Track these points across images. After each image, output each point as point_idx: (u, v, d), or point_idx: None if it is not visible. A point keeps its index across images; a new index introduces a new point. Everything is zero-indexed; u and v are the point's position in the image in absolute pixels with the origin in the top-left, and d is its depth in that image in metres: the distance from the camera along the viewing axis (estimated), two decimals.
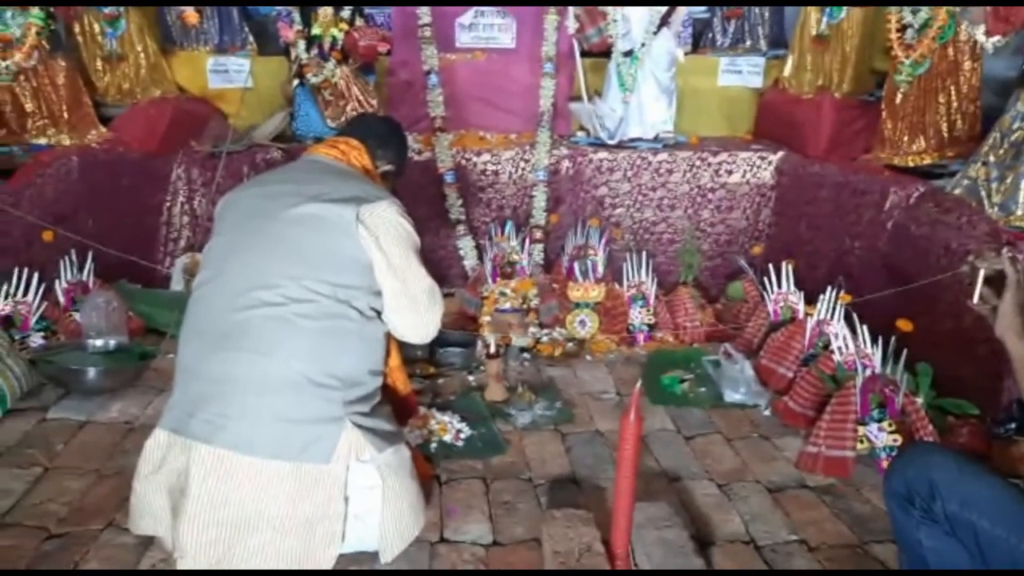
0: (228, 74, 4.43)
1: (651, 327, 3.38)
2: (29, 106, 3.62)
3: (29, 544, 1.91)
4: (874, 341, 2.64)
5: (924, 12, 3.30)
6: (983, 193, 2.85)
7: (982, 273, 1.36)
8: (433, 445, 2.41)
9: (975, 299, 1.39)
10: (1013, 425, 2.34)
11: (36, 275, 2.93)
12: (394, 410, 1.99)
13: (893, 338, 2.54)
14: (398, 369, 2.09)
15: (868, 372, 2.49)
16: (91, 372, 2.62)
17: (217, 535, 1.60)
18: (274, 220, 1.77)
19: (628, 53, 3.94)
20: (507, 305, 3.32)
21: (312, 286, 1.69)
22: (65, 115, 3.66)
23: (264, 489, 1.61)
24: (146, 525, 1.73)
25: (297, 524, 1.62)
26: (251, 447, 1.60)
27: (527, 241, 3.66)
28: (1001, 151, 2.85)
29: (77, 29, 4.04)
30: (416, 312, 1.87)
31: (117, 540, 1.93)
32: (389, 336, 1.93)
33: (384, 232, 1.79)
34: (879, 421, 2.42)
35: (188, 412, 1.66)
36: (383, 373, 1.92)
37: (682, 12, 4.03)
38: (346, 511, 1.68)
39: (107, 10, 4.03)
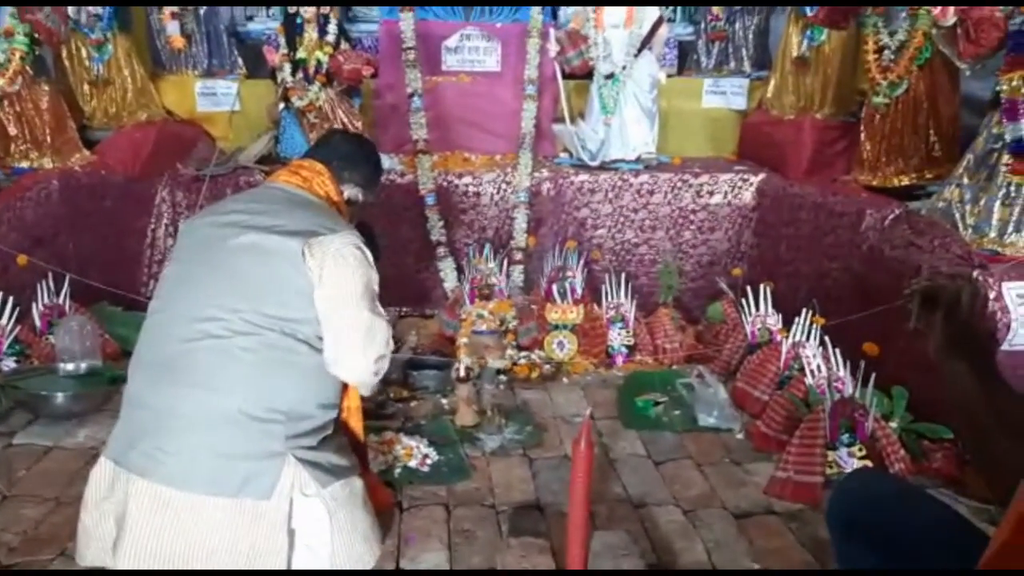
0: (216, 97, 4.48)
1: (630, 349, 3.37)
2: (12, 130, 3.64)
3: None
4: (847, 364, 2.61)
5: (901, 34, 3.30)
6: (957, 215, 2.84)
7: (917, 296, 1.35)
8: (397, 471, 2.39)
9: (912, 322, 1.38)
10: None
11: (11, 299, 2.93)
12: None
13: (862, 362, 2.51)
14: (356, 411, 1.98)
15: (838, 396, 2.47)
16: (58, 397, 2.61)
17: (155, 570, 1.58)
18: (222, 251, 1.75)
19: (610, 76, 3.96)
20: (483, 327, 3.31)
21: (254, 319, 1.66)
22: (48, 139, 3.68)
23: (202, 524, 1.58)
24: (92, 556, 1.70)
25: (237, 558, 1.60)
26: (187, 483, 1.58)
27: (506, 263, 3.66)
28: (975, 173, 2.84)
29: (64, 54, 4.10)
30: (351, 350, 1.76)
31: (66, 571, 1.91)
32: None
33: (331, 264, 1.73)
34: (849, 446, 2.39)
35: (129, 443, 1.64)
36: (337, 406, 1.87)
37: (663, 34, 4.05)
38: (290, 544, 1.66)
39: (94, 36, 4.09)
